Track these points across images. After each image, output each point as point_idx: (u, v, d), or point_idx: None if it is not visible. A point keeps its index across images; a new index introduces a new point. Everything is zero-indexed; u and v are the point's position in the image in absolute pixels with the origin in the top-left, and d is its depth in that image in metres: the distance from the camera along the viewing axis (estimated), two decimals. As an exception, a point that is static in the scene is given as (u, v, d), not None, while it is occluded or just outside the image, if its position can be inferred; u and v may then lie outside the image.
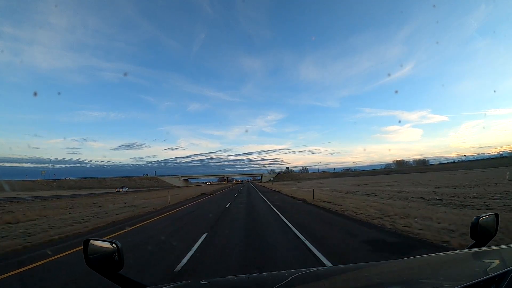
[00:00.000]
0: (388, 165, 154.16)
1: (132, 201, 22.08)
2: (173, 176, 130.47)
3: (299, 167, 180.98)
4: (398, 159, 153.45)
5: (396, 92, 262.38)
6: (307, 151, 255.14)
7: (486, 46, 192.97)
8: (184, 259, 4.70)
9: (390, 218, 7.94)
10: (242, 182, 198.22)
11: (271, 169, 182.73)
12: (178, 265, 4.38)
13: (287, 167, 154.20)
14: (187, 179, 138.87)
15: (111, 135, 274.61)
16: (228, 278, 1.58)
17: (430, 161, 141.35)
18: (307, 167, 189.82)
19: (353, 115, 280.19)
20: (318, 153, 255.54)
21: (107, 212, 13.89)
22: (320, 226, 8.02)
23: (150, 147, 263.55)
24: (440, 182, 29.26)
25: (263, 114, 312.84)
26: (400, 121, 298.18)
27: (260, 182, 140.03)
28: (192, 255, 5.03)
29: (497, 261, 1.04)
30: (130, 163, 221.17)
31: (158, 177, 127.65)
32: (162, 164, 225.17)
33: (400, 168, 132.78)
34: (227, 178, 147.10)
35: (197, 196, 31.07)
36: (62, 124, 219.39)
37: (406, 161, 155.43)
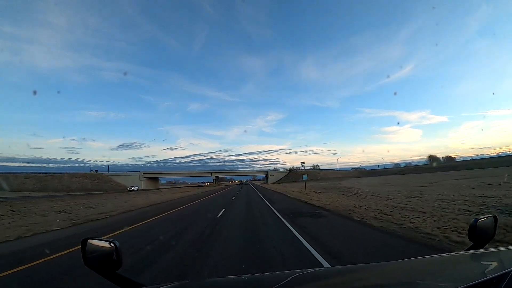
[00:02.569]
0: (395, 164, 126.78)
1: None
2: (132, 174, 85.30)
3: (308, 166, 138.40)
4: (432, 154, 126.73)
5: (396, 93, 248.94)
6: (307, 151, 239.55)
7: (485, 48, 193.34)
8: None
9: None
10: (241, 182, 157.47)
11: (275, 167, 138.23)
12: None
13: (302, 162, 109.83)
14: (156, 178, 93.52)
15: (111, 134, 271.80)
16: (227, 278, 1.56)
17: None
18: (318, 165, 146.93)
19: (353, 115, 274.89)
20: (318, 153, 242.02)
21: None
22: None
23: (149, 147, 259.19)
24: None
25: (263, 114, 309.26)
26: (399, 122, 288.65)
27: (265, 183, 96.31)
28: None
29: (495, 263, 1.02)
30: (129, 163, 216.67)
31: (106, 174, 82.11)
32: (162, 164, 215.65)
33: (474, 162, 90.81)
34: (216, 177, 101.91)
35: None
36: (62, 123, 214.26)
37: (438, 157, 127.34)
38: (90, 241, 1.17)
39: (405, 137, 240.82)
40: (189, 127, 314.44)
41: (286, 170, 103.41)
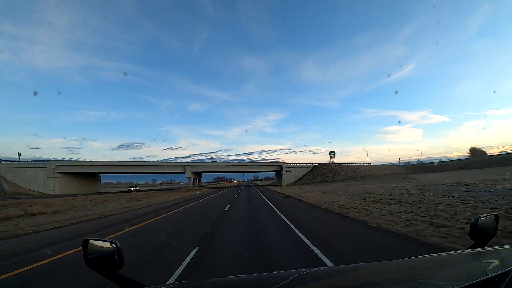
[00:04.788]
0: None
1: None
2: (36, 166, 48.57)
3: (316, 162, 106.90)
4: (474, 147, 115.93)
5: (397, 92, 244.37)
6: (308, 151, 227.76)
7: (486, 47, 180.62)
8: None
9: None
10: (242, 183, 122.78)
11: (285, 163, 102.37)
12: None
13: (332, 152, 75.22)
14: (93, 175, 56.67)
15: (111, 134, 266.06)
16: (228, 278, 1.54)
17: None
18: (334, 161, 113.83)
19: (353, 115, 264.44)
20: (318, 153, 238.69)
21: None
22: None
23: (150, 147, 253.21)
24: None
25: (263, 114, 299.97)
26: (400, 122, 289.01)
27: (274, 184, 60.71)
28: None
29: (496, 262, 1.02)
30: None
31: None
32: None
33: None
34: (196, 175, 64.95)
35: None
36: (62, 123, 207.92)
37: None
38: (92, 241, 1.15)
39: (406, 137, 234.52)
40: (190, 127, 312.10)
41: (308, 164, 67.10)
